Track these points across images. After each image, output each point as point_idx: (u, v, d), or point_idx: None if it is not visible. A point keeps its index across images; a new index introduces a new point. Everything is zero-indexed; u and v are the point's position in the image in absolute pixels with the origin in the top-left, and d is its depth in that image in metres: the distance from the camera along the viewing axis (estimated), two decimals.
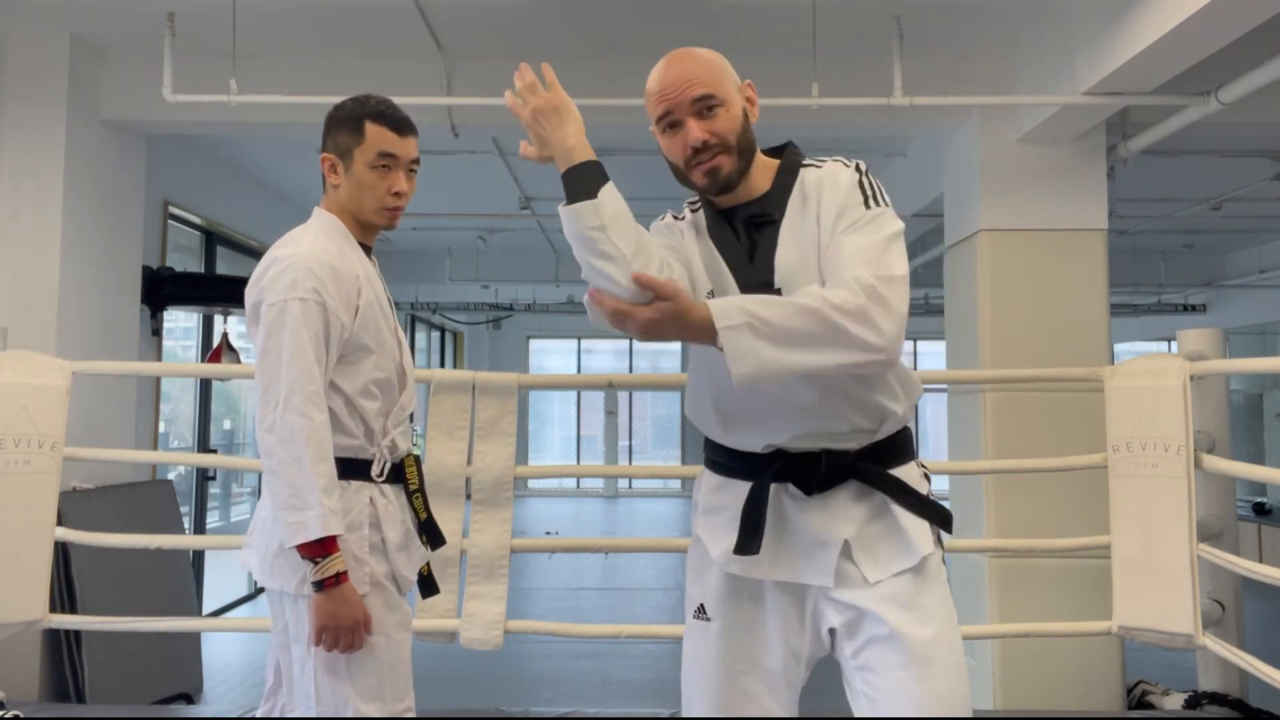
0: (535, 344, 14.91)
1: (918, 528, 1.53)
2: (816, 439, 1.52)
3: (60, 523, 3.23)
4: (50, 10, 3.89)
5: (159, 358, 5.25)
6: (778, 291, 1.51)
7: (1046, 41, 3.92)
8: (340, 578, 1.74)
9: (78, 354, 3.84)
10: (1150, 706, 3.53)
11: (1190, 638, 2.91)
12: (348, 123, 1.90)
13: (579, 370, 14.96)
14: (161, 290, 5.07)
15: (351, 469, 1.84)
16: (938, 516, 1.56)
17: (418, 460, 2.01)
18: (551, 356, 15.30)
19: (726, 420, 1.59)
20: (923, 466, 1.63)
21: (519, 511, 7.22)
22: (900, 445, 1.59)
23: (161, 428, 5.50)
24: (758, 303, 1.41)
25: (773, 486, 1.54)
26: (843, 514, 1.52)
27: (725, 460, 1.62)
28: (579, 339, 14.93)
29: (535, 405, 14.86)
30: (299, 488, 1.71)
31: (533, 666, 4.91)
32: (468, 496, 3.19)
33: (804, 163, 1.60)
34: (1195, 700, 3.25)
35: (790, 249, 1.54)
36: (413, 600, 2.04)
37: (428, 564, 2.06)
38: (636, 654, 5.11)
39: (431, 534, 2.01)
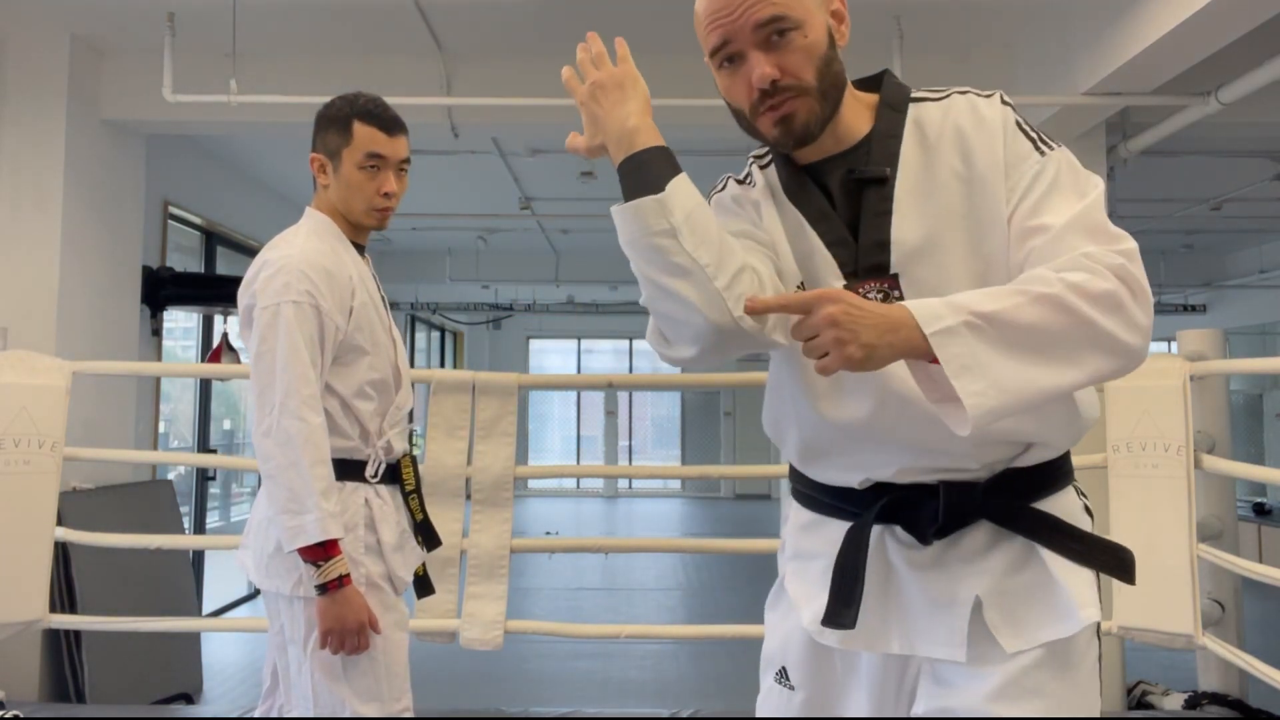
0: (535, 344, 14.90)
1: (1079, 581, 1.09)
2: (932, 472, 1.13)
3: (60, 523, 3.23)
4: (50, 10, 3.89)
5: (159, 358, 5.25)
6: (894, 278, 1.11)
7: (1046, 41, 3.92)
8: (343, 580, 1.74)
9: (78, 354, 3.84)
10: (1150, 707, 3.53)
11: (1190, 638, 2.91)
12: (336, 122, 1.88)
13: (579, 370, 14.95)
14: (161, 290, 5.07)
15: (347, 470, 1.84)
16: (1113, 563, 1.12)
17: (414, 461, 2.01)
18: (551, 356, 15.29)
19: (808, 449, 1.22)
20: (1083, 496, 1.20)
21: (519, 511, 7.21)
22: (1053, 469, 1.16)
23: (161, 428, 5.50)
24: (966, 296, 1.01)
25: (875, 530, 1.15)
26: (971, 564, 1.12)
27: (814, 493, 1.24)
28: (579, 339, 14.92)
29: (535, 405, 14.86)
30: (297, 491, 1.71)
31: (533, 666, 4.91)
32: (468, 497, 3.19)
33: (913, 96, 1.17)
34: (1195, 700, 3.25)
35: (913, 219, 1.11)
36: (411, 600, 2.04)
37: (423, 564, 2.06)
38: (636, 654, 5.11)
39: (427, 535, 2.01)
